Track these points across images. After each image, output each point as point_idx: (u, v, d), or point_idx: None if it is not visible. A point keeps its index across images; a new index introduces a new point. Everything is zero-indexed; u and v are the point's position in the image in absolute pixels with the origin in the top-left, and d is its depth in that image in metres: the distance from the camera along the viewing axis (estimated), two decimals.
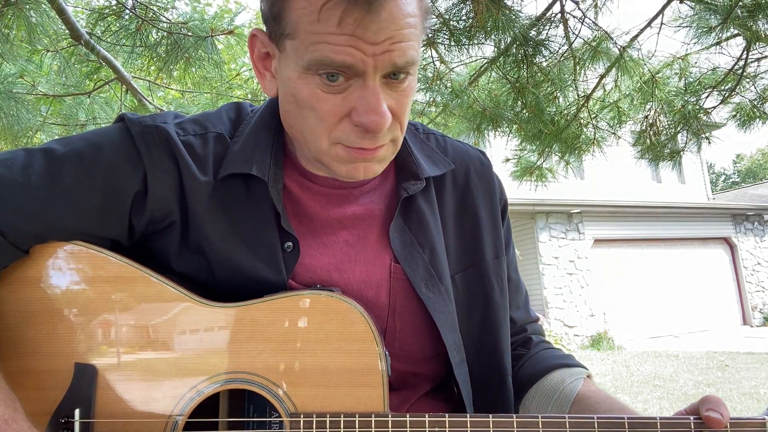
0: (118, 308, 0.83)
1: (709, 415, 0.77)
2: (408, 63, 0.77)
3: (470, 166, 1.06)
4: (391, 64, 0.76)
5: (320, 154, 0.84)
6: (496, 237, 1.04)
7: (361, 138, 0.80)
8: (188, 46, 3.28)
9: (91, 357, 0.82)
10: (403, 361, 0.94)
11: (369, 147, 0.81)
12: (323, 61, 0.75)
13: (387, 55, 0.75)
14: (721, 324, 14.76)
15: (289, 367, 0.81)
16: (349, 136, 0.80)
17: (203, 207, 0.87)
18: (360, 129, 0.79)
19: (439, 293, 0.94)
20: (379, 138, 0.81)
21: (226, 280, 0.87)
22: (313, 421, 0.79)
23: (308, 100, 0.80)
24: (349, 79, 0.77)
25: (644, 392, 7.08)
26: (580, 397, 0.93)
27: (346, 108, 0.79)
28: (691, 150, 4.51)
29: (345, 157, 0.83)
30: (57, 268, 0.84)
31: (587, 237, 13.42)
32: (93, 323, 0.82)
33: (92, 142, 0.86)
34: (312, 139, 0.83)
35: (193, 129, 0.91)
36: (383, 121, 0.77)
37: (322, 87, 0.78)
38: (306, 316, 0.82)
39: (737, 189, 27.54)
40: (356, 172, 0.85)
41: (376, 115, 0.77)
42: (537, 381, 1.01)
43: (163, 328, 0.82)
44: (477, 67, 4.04)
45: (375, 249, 0.94)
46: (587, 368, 1.02)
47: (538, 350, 1.08)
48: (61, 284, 0.83)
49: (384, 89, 0.79)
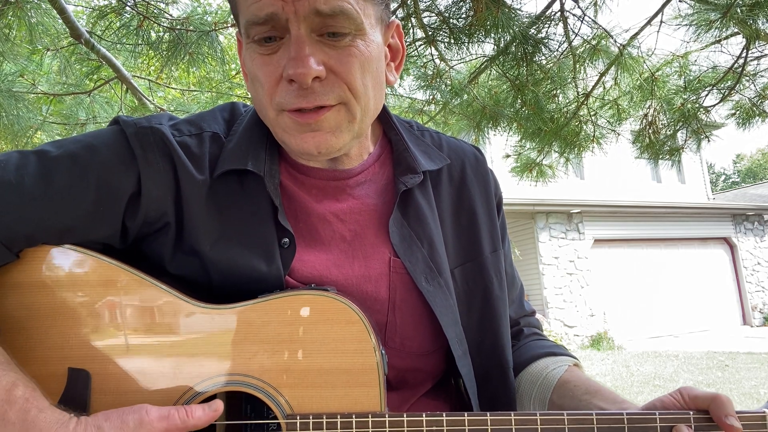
0: (111, 311, 0.82)
1: (732, 424, 0.76)
2: (335, 11, 0.76)
3: (465, 162, 1.06)
4: (312, 10, 0.75)
5: (274, 128, 0.85)
6: (492, 231, 1.04)
7: (297, 96, 0.79)
8: (191, 42, 3.28)
9: (85, 361, 0.81)
10: (404, 357, 0.94)
11: (306, 105, 0.79)
12: (252, 20, 0.77)
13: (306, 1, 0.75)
14: (721, 324, 14.76)
15: (284, 368, 0.80)
16: (286, 97, 0.80)
17: (200, 206, 0.87)
18: (294, 87, 0.79)
19: (439, 287, 0.94)
20: (318, 96, 0.79)
21: (222, 280, 0.86)
22: (309, 422, 0.78)
23: (252, 70, 0.82)
24: (282, 38, 0.78)
25: (644, 392, 7.08)
26: (562, 381, 0.94)
27: (280, 68, 0.79)
28: (690, 148, 4.51)
29: (291, 126, 0.82)
30: (48, 271, 0.83)
31: (587, 237, 13.42)
32: (85, 327, 0.81)
33: (86, 144, 0.86)
34: (264, 111, 0.84)
35: (189, 129, 0.91)
36: (306, 70, 0.76)
37: (259, 51, 0.80)
38: (301, 317, 0.81)
39: (737, 189, 27.54)
40: (306, 143, 0.82)
41: (299, 63, 0.76)
42: (522, 369, 1.02)
43: (156, 331, 0.82)
44: (477, 65, 4.05)
45: (373, 243, 0.94)
46: (577, 358, 1.02)
47: (527, 341, 1.09)
48: (53, 288, 0.82)
49: (317, 45, 0.79)
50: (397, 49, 0.95)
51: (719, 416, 0.77)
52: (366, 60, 0.82)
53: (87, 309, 0.82)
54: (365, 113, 0.86)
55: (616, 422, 0.78)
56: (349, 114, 0.83)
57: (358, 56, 0.81)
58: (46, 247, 0.83)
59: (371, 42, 0.83)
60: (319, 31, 0.78)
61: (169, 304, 0.82)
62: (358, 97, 0.83)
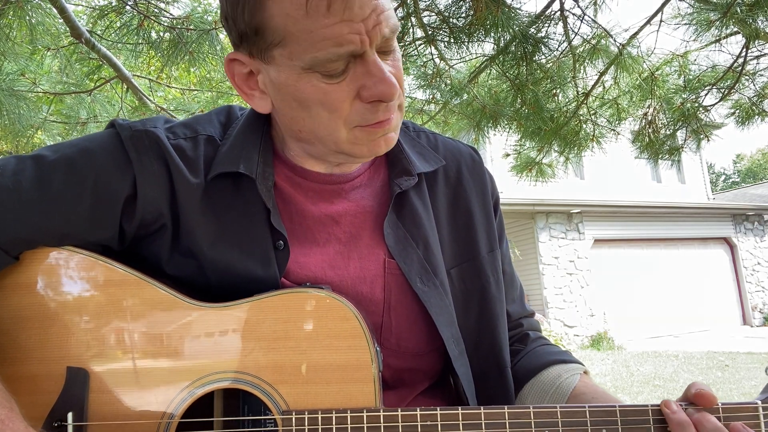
0: (109, 312, 0.83)
1: (699, 391, 0.78)
2: (393, 30, 0.80)
3: (461, 162, 1.06)
4: (381, 35, 0.78)
5: (341, 145, 0.85)
6: (489, 231, 1.04)
7: (375, 112, 0.82)
8: (191, 41, 3.29)
9: (84, 360, 0.82)
10: (400, 357, 0.95)
11: (385, 118, 0.83)
12: (330, 58, 0.76)
13: (378, 28, 0.77)
14: (721, 324, 14.75)
15: (279, 365, 0.81)
16: (365, 114, 0.82)
17: (195, 209, 0.87)
18: (372, 105, 0.81)
19: (435, 287, 0.94)
20: (392, 107, 0.83)
21: (218, 281, 0.87)
22: (305, 418, 0.79)
23: (314, 97, 0.80)
24: (347, 63, 0.79)
25: (644, 392, 7.08)
26: (576, 392, 0.94)
27: (354, 90, 0.80)
28: (690, 148, 4.52)
29: (365, 137, 0.84)
30: (48, 273, 0.84)
31: (587, 237, 13.42)
32: (84, 327, 0.82)
33: (82, 148, 0.87)
34: (328, 133, 0.84)
35: (183, 132, 0.92)
36: (393, 89, 0.80)
37: (323, 80, 0.79)
38: (296, 314, 0.82)
39: (737, 189, 27.53)
40: (377, 147, 0.86)
41: (386, 84, 0.79)
42: (533, 377, 1.01)
43: (153, 330, 0.82)
44: (477, 65, 4.05)
45: (368, 245, 0.94)
46: (584, 364, 1.02)
47: (534, 346, 1.08)
48: (53, 289, 0.83)
49: (383, 61, 0.81)
50: None
51: (690, 394, 0.80)
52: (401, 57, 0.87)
53: (85, 309, 0.83)
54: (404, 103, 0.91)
55: (608, 415, 0.79)
56: (401, 112, 0.89)
57: (400, 59, 0.86)
58: (46, 248, 0.84)
59: None
60: (380, 50, 0.81)
61: (166, 304, 0.83)
62: (404, 95, 0.88)
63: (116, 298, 0.83)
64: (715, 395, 0.79)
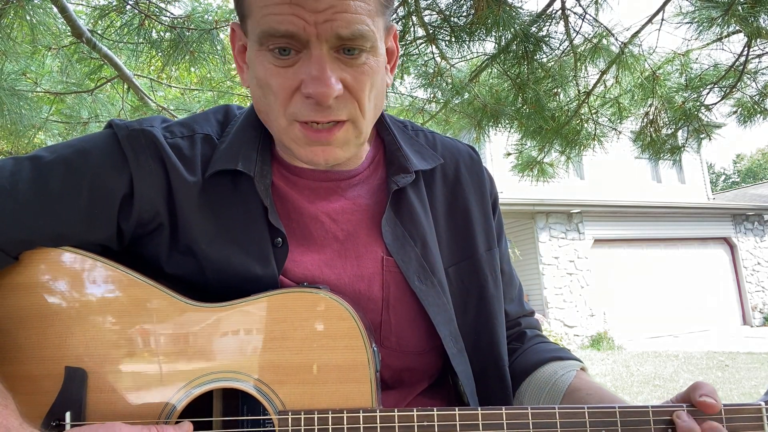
0: (107, 312, 0.83)
1: (704, 401, 0.77)
2: (355, 35, 0.78)
3: (460, 161, 1.06)
4: (334, 34, 0.77)
5: (282, 135, 0.85)
6: (487, 229, 1.04)
7: (313, 111, 0.80)
8: (192, 40, 3.29)
9: (82, 360, 0.82)
10: (400, 356, 0.95)
11: (321, 120, 0.81)
12: (269, 32, 0.77)
13: (329, 24, 0.76)
14: (721, 324, 14.76)
15: (276, 365, 0.81)
16: (301, 109, 0.81)
17: (192, 208, 0.87)
18: (311, 102, 0.80)
19: (432, 286, 0.94)
20: (332, 112, 0.81)
21: (217, 280, 0.87)
22: (301, 418, 0.79)
23: (264, 77, 0.81)
24: (299, 52, 0.79)
25: (644, 392, 7.08)
26: (572, 389, 0.94)
27: (297, 81, 0.80)
28: (691, 147, 4.52)
29: (303, 139, 0.83)
30: (46, 273, 0.84)
31: (587, 237, 13.42)
32: (83, 327, 0.82)
33: (79, 148, 0.87)
34: (273, 118, 0.84)
35: (181, 131, 0.92)
36: (328, 90, 0.77)
37: (274, 62, 0.80)
38: (292, 314, 0.82)
39: (737, 189, 27.55)
40: (315, 156, 0.84)
41: (320, 83, 0.77)
42: (530, 374, 1.01)
43: (151, 330, 0.82)
44: (478, 64, 4.05)
45: (366, 243, 0.94)
46: (581, 361, 1.02)
47: (532, 344, 1.08)
48: (51, 289, 0.83)
49: (336, 63, 0.80)
50: (392, 51, 0.96)
51: (694, 397, 0.78)
52: (375, 75, 0.84)
53: (84, 309, 0.83)
54: (368, 125, 0.88)
55: (608, 415, 0.78)
56: (356, 130, 0.86)
57: (369, 74, 0.83)
58: (44, 249, 0.84)
59: (380, 56, 0.85)
60: (336, 48, 0.79)
61: (164, 303, 0.83)
62: (365, 113, 0.85)
63: (114, 298, 0.83)
64: (719, 401, 0.78)
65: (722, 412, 0.78)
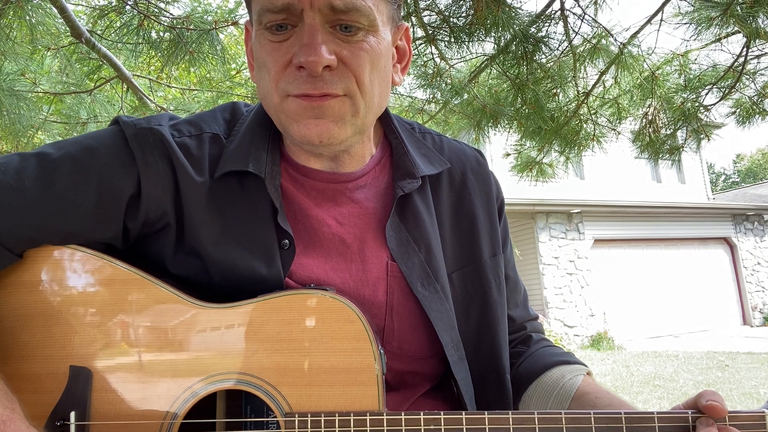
0: (113, 311, 0.83)
1: (710, 404, 0.77)
2: (348, 7, 0.77)
3: (467, 165, 1.05)
4: (327, 3, 0.76)
5: (278, 113, 0.84)
6: (493, 235, 1.04)
7: (305, 82, 0.79)
8: (191, 41, 3.28)
9: (87, 359, 0.81)
10: (402, 360, 0.94)
11: (313, 92, 0.80)
12: (266, 7, 0.78)
13: None
14: (721, 324, 14.75)
15: (283, 367, 0.80)
16: (293, 82, 0.80)
17: (200, 208, 0.87)
18: (303, 73, 0.79)
19: (435, 292, 0.93)
20: (325, 84, 0.80)
21: (222, 281, 0.86)
22: (307, 420, 0.78)
23: (260, 56, 0.82)
24: (294, 27, 0.79)
25: (644, 392, 7.08)
26: (580, 393, 0.93)
27: (290, 54, 0.80)
28: (690, 147, 4.52)
29: (295, 110, 0.81)
30: (52, 271, 0.83)
31: (587, 237, 13.42)
32: (87, 326, 0.82)
33: (86, 146, 0.86)
34: (268, 98, 0.84)
35: (188, 130, 0.91)
36: (317, 58, 0.77)
37: (270, 38, 0.80)
38: (300, 316, 0.81)
39: (737, 189, 27.53)
40: (308, 129, 0.82)
41: (310, 50, 0.77)
42: (536, 378, 1.00)
43: (157, 330, 0.82)
44: (477, 64, 4.05)
45: (371, 247, 0.94)
46: (587, 365, 1.01)
47: (537, 348, 1.08)
48: (56, 288, 0.83)
49: (330, 36, 0.79)
50: (404, 51, 0.95)
51: (701, 402, 0.78)
52: (376, 56, 0.83)
53: (89, 308, 0.83)
54: (369, 109, 0.86)
55: (614, 422, 0.78)
56: (353, 107, 0.83)
57: (369, 51, 0.81)
58: (49, 247, 0.84)
59: (382, 40, 0.84)
60: (332, 23, 0.79)
61: (170, 303, 0.83)
62: (364, 91, 0.83)
63: (120, 297, 0.83)
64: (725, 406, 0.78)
65: (726, 419, 0.78)
